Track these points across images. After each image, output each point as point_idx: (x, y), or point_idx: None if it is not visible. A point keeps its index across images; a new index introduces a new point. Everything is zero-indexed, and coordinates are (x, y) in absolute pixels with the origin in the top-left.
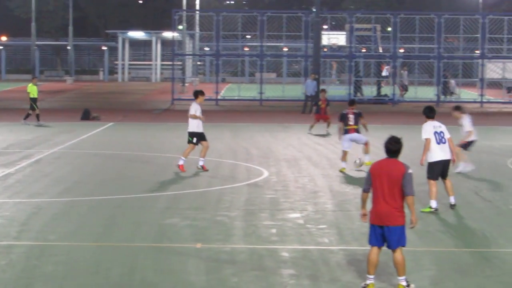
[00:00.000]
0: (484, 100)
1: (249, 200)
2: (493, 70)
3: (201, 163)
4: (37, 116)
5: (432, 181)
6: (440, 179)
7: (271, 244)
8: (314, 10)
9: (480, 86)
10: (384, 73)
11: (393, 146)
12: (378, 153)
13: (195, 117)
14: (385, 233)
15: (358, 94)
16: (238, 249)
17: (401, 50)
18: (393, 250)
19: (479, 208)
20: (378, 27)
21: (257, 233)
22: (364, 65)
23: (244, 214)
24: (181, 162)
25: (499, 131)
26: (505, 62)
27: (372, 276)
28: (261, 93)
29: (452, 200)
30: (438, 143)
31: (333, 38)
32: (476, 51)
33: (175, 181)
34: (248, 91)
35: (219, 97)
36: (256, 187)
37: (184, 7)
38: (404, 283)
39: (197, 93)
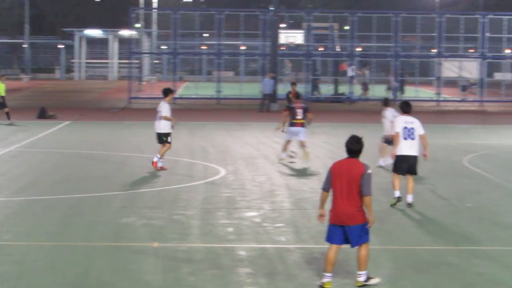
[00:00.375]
0: (441, 99)
1: (206, 198)
2: (450, 68)
3: (156, 160)
4: None
5: (395, 174)
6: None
7: (228, 243)
8: (272, 8)
9: (436, 85)
10: (350, 73)
11: (354, 146)
12: (336, 151)
13: (168, 119)
14: (346, 232)
15: (316, 93)
16: (195, 248)
17: (359, 49)
18: (358, 247)
19: (435, 206)
20: (336, 25)
21: (214, 231)
22: (321, 64)
23: (201, 213)
24: (155, 159)
25: (455, 129)
26: (461, 61)
27: (329, 274)
28: (218, 91)
29: (409, 198)
30: (405, 139)
31: (291, 37)
32: (433, 50)
33: (132, 180)
34: (205, 89)
35: (176, 96)
36: (213, 185)
37: (142, 5)
38: (362, 279)
39: (168, 92)
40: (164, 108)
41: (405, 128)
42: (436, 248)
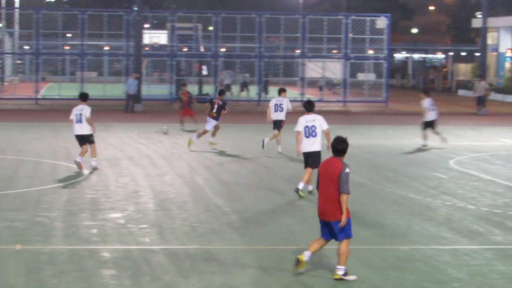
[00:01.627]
0: (305, 99)
1: (70, 200)
2: (313, 69)
3: (80, 160)
4: None
5: (306, 169)
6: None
7: (92, 245)
8: (135, 9)
9: (300, 85)
10: (205, 72)
11: (340, 146)
12: (197, 151)
13: (91, 123)
14: (329, 228)
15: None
16: (58, 250)
17: (223, 49)
18: (339, 242)
19: (300, 206)
20: (200, 26)
21: (78, 233)
22: (185, 64)
23: (64, 215)
24: (94, 163)
25: None
26: (325, 62)
27: (308, 253)
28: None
29: (299, 185)
30: (307, 137)
31: (155, 37)
32: (297, 51)
33: None
34: (68, 90)
35: (39, 96)
36: (77, 187)
37: (3, 4)
38: (340, 272)
39: (87, 96)
40: (89, 111)
41: (306, 126)
42: (301, 248)
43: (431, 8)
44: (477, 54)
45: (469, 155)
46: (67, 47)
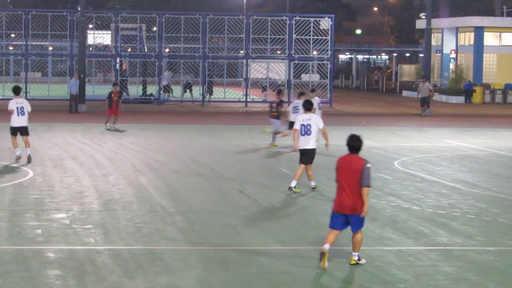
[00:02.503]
0: (249, 100)
1: (14, 200)
2: (257, 70)
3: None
4: None
5: (300, 165)
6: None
7: (36, 245)
8: (80, 9)
9: (244, 86)
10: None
11: (355, 143)
12: (145, 152)
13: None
14: (349, 220)
15: (124, 94)
16: (3, 250)
17: (167, 50)
18: (356, 232)
19: (244, 207)
20: (144, 26)
21: (22, 233)
22: (129, 65)
23: (9, 215)
24: (29, 152)
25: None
26: (269, 62)
27: (327, 245)
28: (26, 92)
29: (312, 184)
30: (303, 135)
31: (99, 38)
32: (241, 51)
33: None
34: None
35: None
36: (21, 187)
37: None
38: (356, 258)
39: (21, 89)
40: (29, 105)
41: (302, 125)
42: (245, 248)
43: (375, 9)
44: (421, 55)
45: (413, 156)
46: (11, 48)
